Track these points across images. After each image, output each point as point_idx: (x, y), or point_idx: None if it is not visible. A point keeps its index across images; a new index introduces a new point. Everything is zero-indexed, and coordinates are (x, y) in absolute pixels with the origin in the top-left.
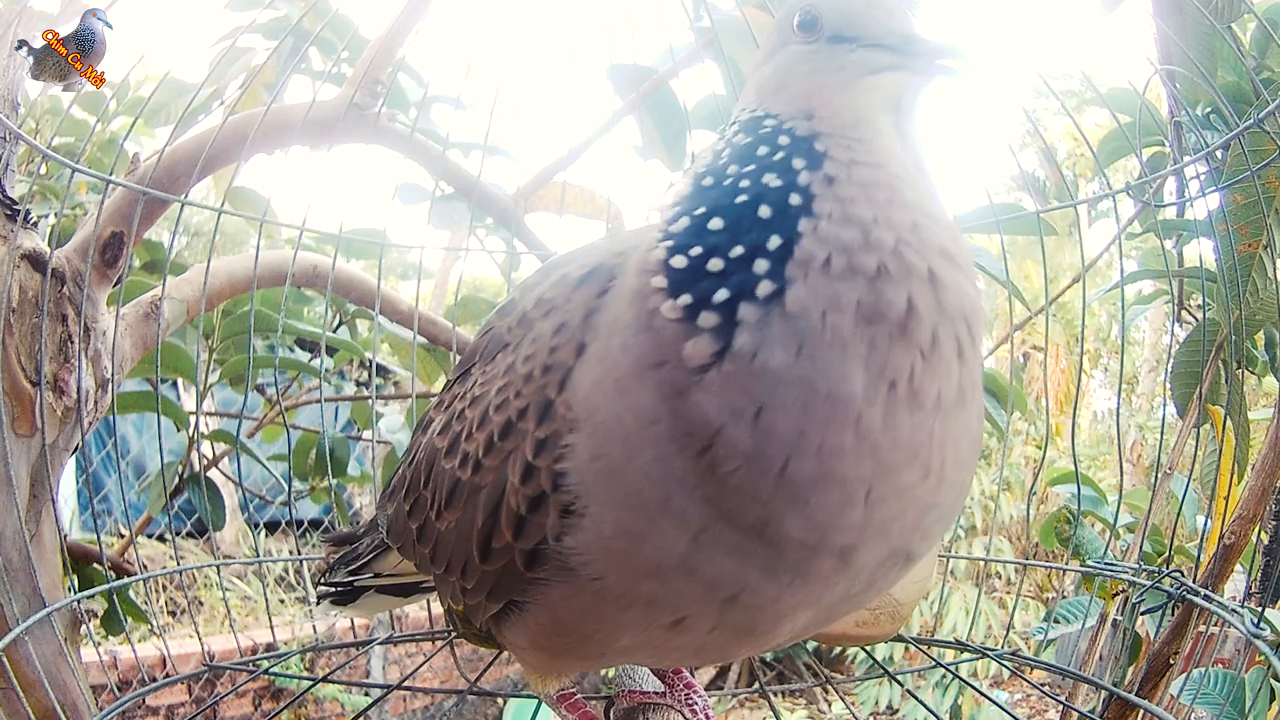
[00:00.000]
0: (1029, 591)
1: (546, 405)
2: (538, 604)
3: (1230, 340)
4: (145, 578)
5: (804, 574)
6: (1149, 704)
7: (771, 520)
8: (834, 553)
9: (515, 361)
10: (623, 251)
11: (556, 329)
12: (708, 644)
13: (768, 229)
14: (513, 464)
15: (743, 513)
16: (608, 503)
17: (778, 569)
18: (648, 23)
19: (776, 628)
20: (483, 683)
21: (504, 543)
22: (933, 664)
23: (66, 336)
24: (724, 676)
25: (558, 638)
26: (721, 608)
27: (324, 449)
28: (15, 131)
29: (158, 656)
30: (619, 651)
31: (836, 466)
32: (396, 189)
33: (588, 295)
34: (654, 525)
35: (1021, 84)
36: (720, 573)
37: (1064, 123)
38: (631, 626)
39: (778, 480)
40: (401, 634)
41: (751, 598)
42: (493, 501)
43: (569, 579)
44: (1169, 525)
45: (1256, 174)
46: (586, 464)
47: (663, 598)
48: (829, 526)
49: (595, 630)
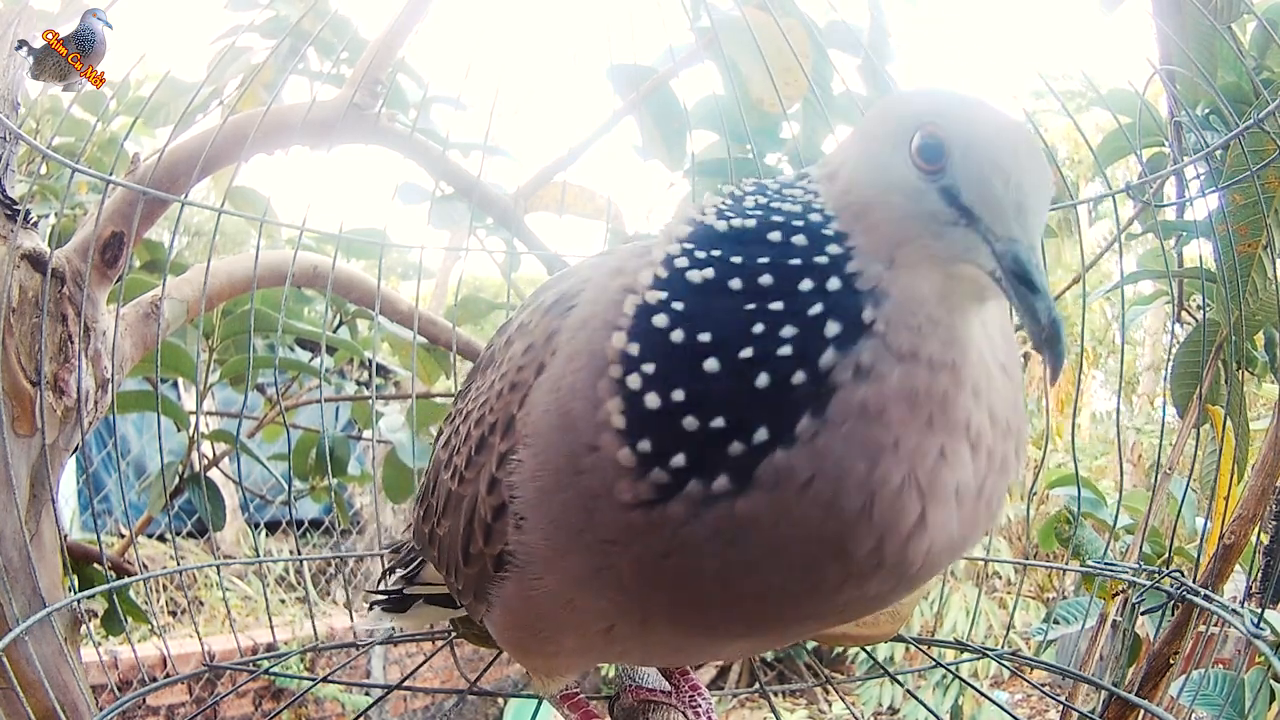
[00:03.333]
0: (1029, 591)
1: (510, 421)
2: (499, 600)
3: (1230, 340)
4: (145, 578)
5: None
6: (1149, 704)
7: (652, 604)
8: (730, 634)
9: (495, 379)
10: (591, 279)
11: (526, 349)
12: (650, 654)
13: (761, 414)
14: (483, 476)
15: (630, 587)
16: (540, 517)
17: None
18: (648, 23)
19: (705, 653)
20: (483, 683)
21: (478, 548)
22: (933, 664)
23: (66, 336)
24: (724, 676)
25: (517, 632)
26: (641, 626)
27: (324, 449)
28: (15, 131)
29: (158, 656)
30: (571, 651)
31: (725, 613)
32: (396, 189)
33: (552, 318)
34: (572, 546)
35: (1021, 84)
36: (625, 600)
37: (1064, 123)
38: (572, 627)
39: (669, 592)
40: (402, 634)
41: (659, 625)
42: (470, 511)
43: (520, 578)
44: (1169, 526)
45: (1256, 174)
46: (528, 480)
47: (588, 606)
48: (705, 626)
49: (543, 627)
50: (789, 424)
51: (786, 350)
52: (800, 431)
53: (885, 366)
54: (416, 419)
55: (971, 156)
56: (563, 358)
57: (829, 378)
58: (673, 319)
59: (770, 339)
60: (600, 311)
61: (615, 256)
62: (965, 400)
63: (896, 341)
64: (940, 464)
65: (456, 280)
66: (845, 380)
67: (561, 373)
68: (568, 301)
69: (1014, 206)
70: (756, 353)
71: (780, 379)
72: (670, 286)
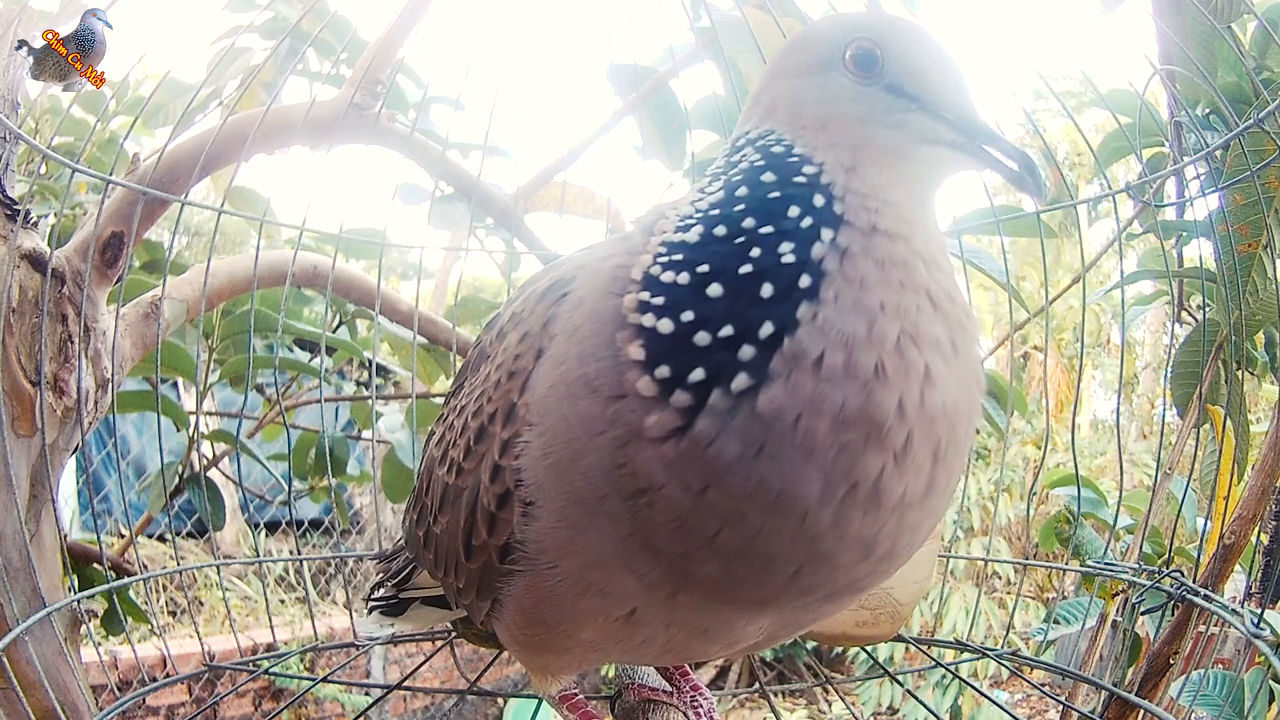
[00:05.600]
0: (1029, 592)
1: (510, 408)
2: (510, 595)
3: (1230, 340)
4: (145, 578)
5: (729, 601)
6: (1149, 704)
7: (690, 563)
8: (751, 600)
9: (490, 371)
10: (584, 264)
11: (521, 338)
12: (672, 641)
13: (764, 312)
14: (485, 465)
15: (665, 546)
16: (554, 496)
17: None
18: (648, 23)
19: (731, 633)
20: (483, 683)
21: (481, 540)
22: (933, 664)
23: (66, 336)
24: (724, 676)
25: (529, 629)
26: (666, 604)
27: (324, 449)
28: (15, 131)
29: (158, 656)
30: (587, 645)
31: (768, 546)
32: (396, 189)
33: (547, 304)
34: (592, 520)
35: (1021, 84)
36: (653, 571)
37: (1064, 123)
38: (589, 616)
39: (707, 543)
40: (401, 635)
41: (689, 598)
42: (471, 502)
43: (531, 568)
44: (1169, 526)
45: (1256, 174)
46: (537, 460)
47: (610, 587)
48: (746, 582)
49: (558, 620)
50: (790, 313)
51: (790, 257)
52: (801, 315)
53: (856, 243)
54: (416, 419)
55: (905, 54)
56: (563, 337)
57: (823, 265)
58: (676, 268)
59: (774, 260)
60: (598, 288)
61: (602, 246)
62: (921, 267)
63: (858, 220)
64: (920, 318)
65: (456, 280)
66: (835, 267)
67: (565, 349)
68: (561, 288)
69: (954, 86)
70: (756, 268)
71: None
72: (669, 251)
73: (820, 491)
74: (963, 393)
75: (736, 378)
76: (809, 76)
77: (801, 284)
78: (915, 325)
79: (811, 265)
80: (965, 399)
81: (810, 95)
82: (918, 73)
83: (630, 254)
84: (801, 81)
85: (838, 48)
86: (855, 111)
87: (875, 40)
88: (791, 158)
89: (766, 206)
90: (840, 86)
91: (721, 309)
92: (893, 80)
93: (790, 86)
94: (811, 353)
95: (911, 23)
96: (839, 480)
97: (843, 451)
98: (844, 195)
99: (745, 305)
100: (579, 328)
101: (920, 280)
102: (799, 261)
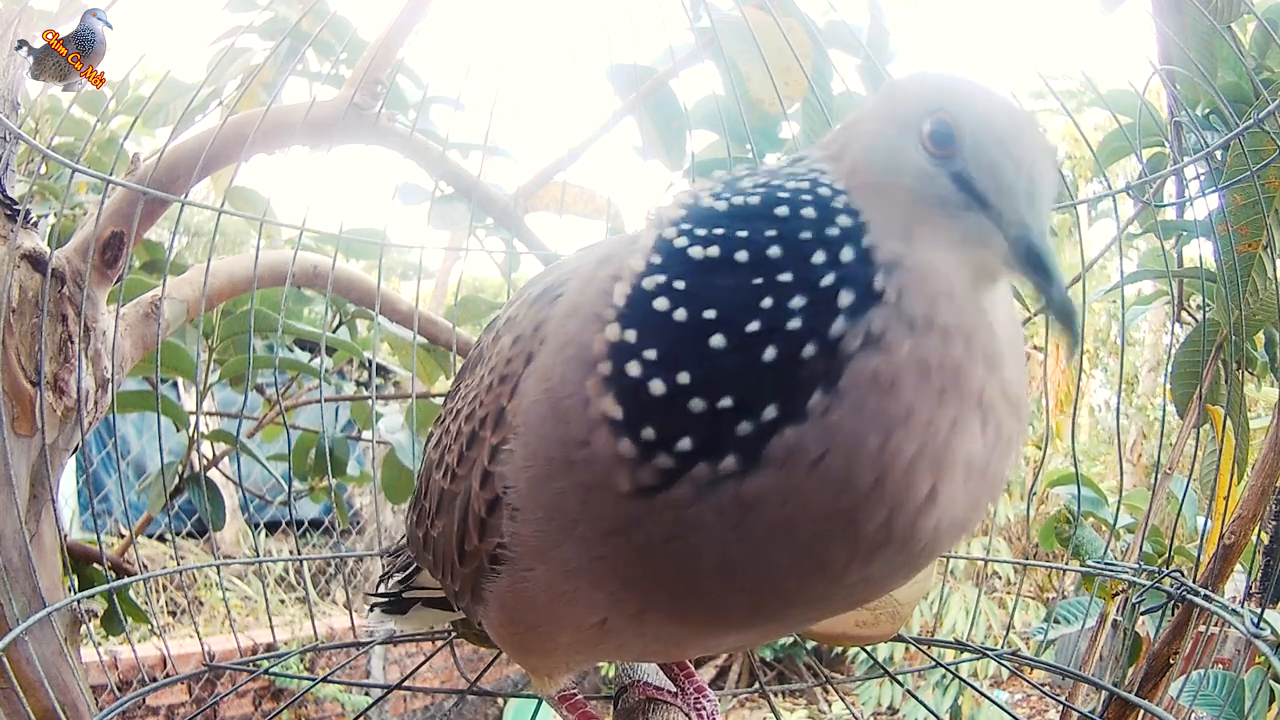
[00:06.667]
0: (1029, 591)
1: (500, 413)
2: (494, 596)
3: (1230, 340)
4: (145, 578)
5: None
6: (1149, 704)
7: (653, 593)
8: (729, 623)
9: (484, 374)
10: (579, 268)
11: (514, 341)
12: (648, 648)
13: (770, 393)
14: (476, 471)
15: (628, 575)
16: (533, 507)
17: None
18: (648, 23)
19: (704, 644)
20: (483, 683)
21: (473, 545)
22: (933, 664)
23: (66, 336)
24: (724, 676)
25: (513, 628)
26: (634, 619)
27: (324, 449)
28: (15, 131)
29: (158, 656)
30: (567, 648)
31: (726, 600)
32: (396, 189)
33: (540, 307)
34: (565, 536)
35: (1021, 84)
36: (620, 590)
37: (1064, 123)
38: (565, 621)
39: (670, 580)
40: (402, 634)
41: (656, 616)
42: (463, 507)
43: (512, 571)
44: (1169, 525)
45: (1256, 174)
46: (520, 469)
47: (580, 598)
48: (711, 613)
49: (537, 621)
50: (800, 400)
51: (796, 323)
52: (812, 407)
53: (897, 335)
54: (416, 419)
55: (983, 143)
56: (551, 347)
57: (839, 347)
58: (674, 299)
59: (779, 311)
60: (588, 300)
61: (602, 246)
62: (978, 371)
63: (910, 309)
64: (951, 437)
65: (456, 280)
66: (855, 350)
67: (551, 363)
68: (554, 291)
69: (1025, 193)
70: (764, 325)
71: (790, 352)
72: (668, 267)
73: (787, 566)
74: (968, 510)
75: (726, 460)
76: (886, 134)
77: (814, 369)
78: (945, 444)
79: (830, 343)
80: (968, 515)
81: (879, 155)
82: (991, 168)
83: (626, 259)
84: (880, 135)
85: (918, 115)
86: (916, 189)
87: (956, 119)
88: (835, 202)
89: (796, 247)
90: (909, 159)
91: (722, 373)
92: (963, 169)
93: (869, 133)
94: (812, 453)
95: (1006, 104)
96: (805, 570)
97: (817, 539)
98: (891, 268)
99: (751, 375)
100: (564, 345)
101: (973, 387)
102: (817, 331)
